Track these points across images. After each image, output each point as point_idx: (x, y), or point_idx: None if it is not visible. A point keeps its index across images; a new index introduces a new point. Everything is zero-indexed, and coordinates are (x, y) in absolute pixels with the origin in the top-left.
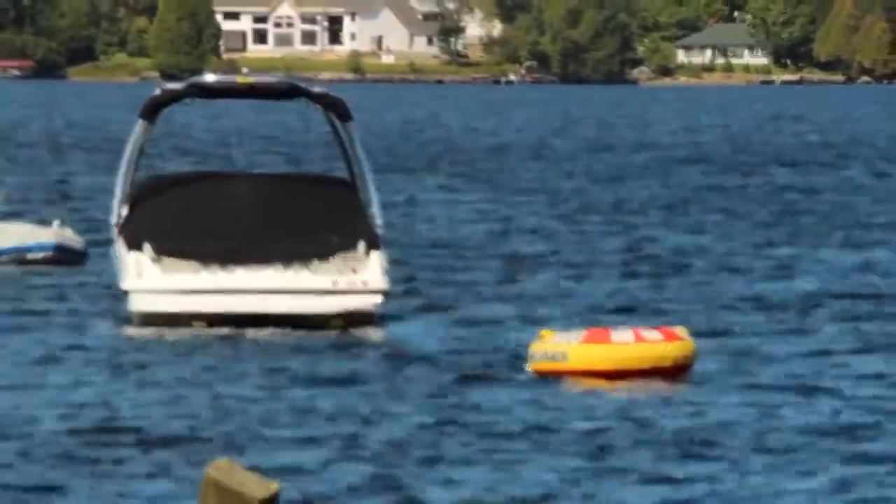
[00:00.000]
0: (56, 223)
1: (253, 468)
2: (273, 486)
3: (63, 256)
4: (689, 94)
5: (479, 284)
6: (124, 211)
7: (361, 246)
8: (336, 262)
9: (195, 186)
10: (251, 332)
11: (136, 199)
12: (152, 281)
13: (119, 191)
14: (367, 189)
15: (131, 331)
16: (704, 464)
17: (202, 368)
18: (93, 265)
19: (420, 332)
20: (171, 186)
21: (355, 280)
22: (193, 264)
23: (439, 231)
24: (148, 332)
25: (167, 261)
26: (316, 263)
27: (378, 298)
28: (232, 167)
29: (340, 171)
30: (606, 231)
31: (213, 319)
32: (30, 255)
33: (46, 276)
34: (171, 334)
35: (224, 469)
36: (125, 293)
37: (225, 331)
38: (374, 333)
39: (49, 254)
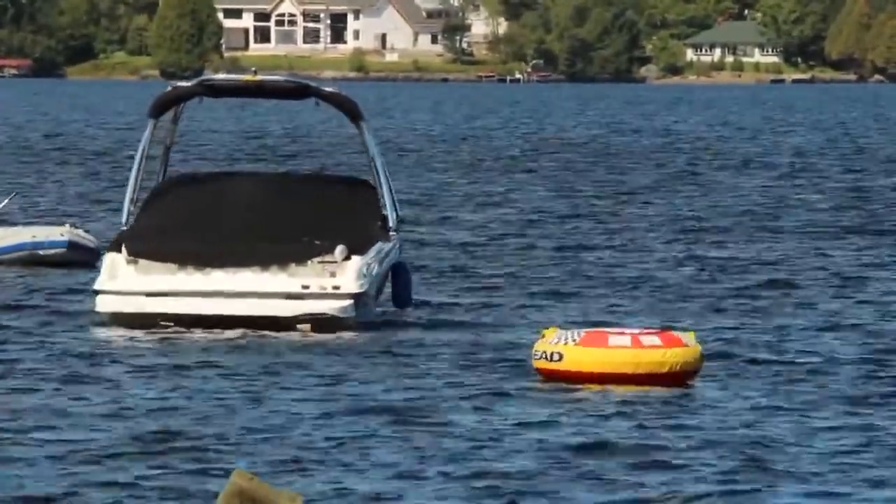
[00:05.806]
0: (67, 224)
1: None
2: (299, 498)
3: (76, 255)
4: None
5: (493, 281)
6: (134, 211)
7: (339, 250)
8: (314, 265)
9: (200, 187)
10: (225, 335)
11: (147, 199)
12: (121, 283)
13: (129, 191)
14: (381, 189)
15: (104, 333)
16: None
17: (171, 370)
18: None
19: (427, 332)
20: (176, 187)
21: (327, 284)
22: (167, 266)
23: (454, 229)
24: (122, 334)
25: (141, 262)
26: (293, 267)
27: (349, 303)
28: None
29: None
30: (629, 232)
31: (182, 321)
32: (43, 253)
33: (56, 275)
34: (142, 336)
35: (247, 479)
36: (95, 294)
37: (197, 333)
38: (370, 335)
39: (62, 252)
